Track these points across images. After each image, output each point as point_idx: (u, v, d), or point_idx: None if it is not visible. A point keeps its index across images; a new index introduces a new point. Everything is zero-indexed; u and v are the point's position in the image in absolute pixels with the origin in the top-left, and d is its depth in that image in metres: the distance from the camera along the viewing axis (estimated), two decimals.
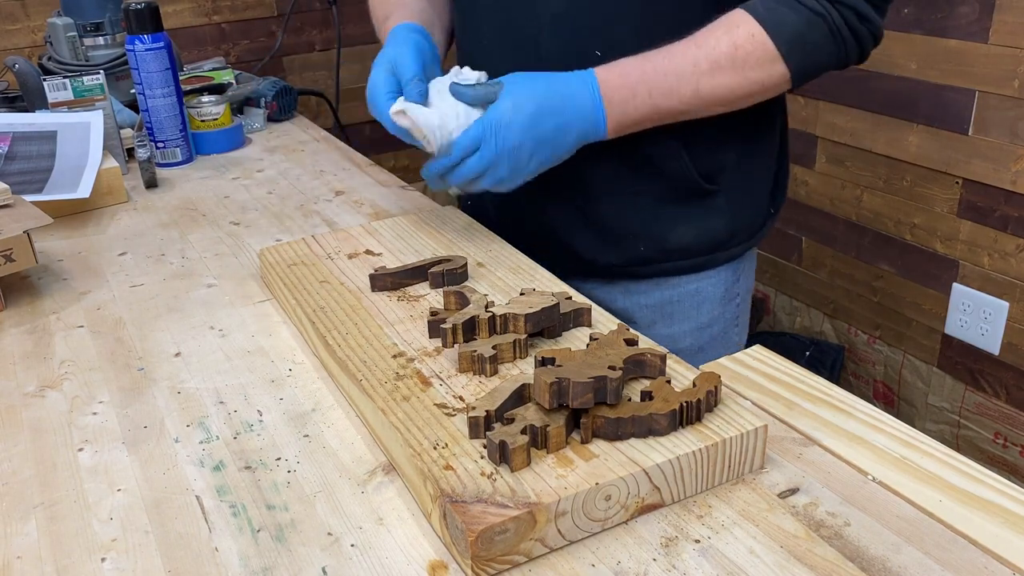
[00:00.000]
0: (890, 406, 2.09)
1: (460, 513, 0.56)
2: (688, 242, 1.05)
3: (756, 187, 1.09)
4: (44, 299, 0.99)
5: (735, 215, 1.06)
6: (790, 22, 0.88)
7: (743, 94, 0.91)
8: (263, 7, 2.23)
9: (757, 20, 0.89)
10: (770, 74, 0.90)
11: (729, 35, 0.89)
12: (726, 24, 0.90)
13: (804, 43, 0.89)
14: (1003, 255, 1.76)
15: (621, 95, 0.90)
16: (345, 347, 0.78)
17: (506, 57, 1.00)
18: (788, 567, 0.56)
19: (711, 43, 0.89)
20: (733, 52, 0.88)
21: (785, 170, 1.13)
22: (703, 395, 0.64)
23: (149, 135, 1.40)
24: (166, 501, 0.65)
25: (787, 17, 0.88)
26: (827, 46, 0.90)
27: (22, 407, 0.78)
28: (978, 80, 1.71)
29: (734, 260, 1.10)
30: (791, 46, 0.89)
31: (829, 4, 0.89)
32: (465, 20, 1.07)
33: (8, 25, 1.96)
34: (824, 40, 0.90)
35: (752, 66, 0.89)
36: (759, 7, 0.90)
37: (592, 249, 1.06)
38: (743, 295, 1.15)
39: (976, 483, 0.63)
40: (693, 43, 0.90)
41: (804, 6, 0.89)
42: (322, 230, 1.12)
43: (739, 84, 0.90)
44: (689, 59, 0.89)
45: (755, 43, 0.88)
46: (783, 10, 0.89)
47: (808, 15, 0.89)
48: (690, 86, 0.90)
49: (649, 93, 0.90)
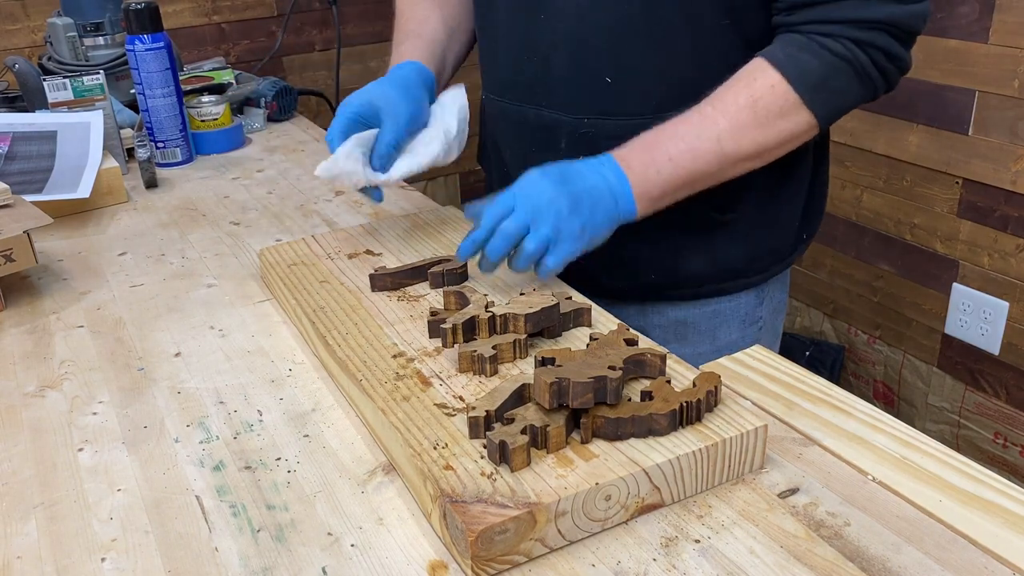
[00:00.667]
0: (890, 406, 2.09)
1: (460, 513, 0.56)
2: (700, 271, 1.02)
3: (781, 214, 1.04)
4: (44, 299, 0.99)
5: (755, 243, 1.02)
6: (812, 68, 0.84)
7: (773, 145, 0.87)
8: (263, 7, 2.23)
9: (777, 68, 0.85)
10: (796, 123, 0.86)
11: (748, 89, 0.85)
12: (745, 77, 0.86)
13: (828, 88, 0.85)
14: (1003, 255, 1.76)
15: (641, 161, 0.87)
16: (345, 347, 0.78)
17: (518, 74, 1.00)
18: (788, 567, 0.56)
19: (728, 100, 0.86)
20: (753, 107, 0.85)
21: (821, 194, 1.08)
22: (703, 395, 0.64)
23: (149, 135, 1.40)
24: (166, 501, 0.65)
25: (809, 64, 0.84)
26: (853, 88, 0.87)
27: (22, 407, 0.78)
28: (978, 80, 1.71)
29: (756, 286, 1.05)
30: (814, 93, 0.85)
31: (855, 46, 0.84)
32: (484, 38, 1.06)
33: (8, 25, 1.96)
34: (850, 82, 0.86)
35: (776, 117, 0.85)
36: (779, 53, 0.86)
37: (601, 275, 1.01)
38: (768, 318, 1.09)
39: (976, 483, 0.63)
40: (709, 104, 0.87)
41: (828, 50, 0.84)
42: (322, 230, 1.12)
43: (765, 136, 0.86)
44: (708, 118, 0.86)
45: (776, 94, 0.85)
46: (804, 56, 0.85)
47: (832, 60, 0.84)
48: (711, 146, 0.86)
49: (669, 158, 0.86)
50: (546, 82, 0.97)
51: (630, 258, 1.01)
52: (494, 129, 1.09)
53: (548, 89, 0.98)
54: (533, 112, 1.00)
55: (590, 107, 0.95)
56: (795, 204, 1.05)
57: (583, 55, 0.94)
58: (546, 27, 0.95)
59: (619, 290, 1.04)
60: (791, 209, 1.04)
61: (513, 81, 1.01)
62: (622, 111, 0.94)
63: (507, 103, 1.03)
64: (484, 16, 1.04)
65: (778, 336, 1.14)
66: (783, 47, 0.87)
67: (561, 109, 0.97)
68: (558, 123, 0.98)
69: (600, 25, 0.92)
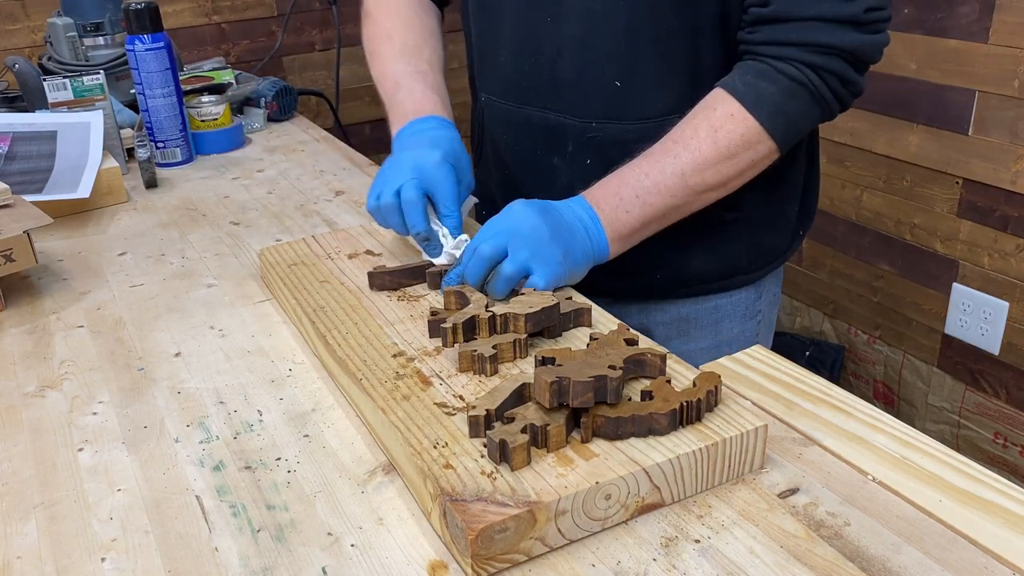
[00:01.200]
0: (890, 406, 2.09)
1: (460, 512, 0.56)
2: (705, 270, 1.03)
3: (780, 212, 1.05)
4: (44, 299, 0.99)
5: (757, 242, 1.04)
6: (769, 95, 0.86)
7: (736, 173, 0.89)
8: (263, 7, 2.23)
9: (735, 96, 0.86)
10: (757, 151, 0.88)
11: (707, 120, 0.87)
12: (705, 109, 0.88)
13: (785, 114, 0.87)
14: (1003, 255, 1.76)
15: (610, 202, 0.88)
16: (345, 347, 0.78)
17: (524, 77, 0.99)
18: (788, 567, 0.56)
19: (688, 135, 0.87)
20: (714, 137, 0.86)
21: (813, 193, 1.09)
22: (703, 395, 0.64)
23: (149, 135, 1.40)
24: (166, 501, 0.65)
25: (766, 91, 0.86)
26: (809, 111, 0.88)
27: (22, 407, 0.78)
28: (978, 80, 1.71)
29: (755, 282, 1.07)
30: (773, 120, 0.86)
31: (810, 71, 0.86)
32: (484, 43, 1.05)
33: (8, 25, 1.96)
34: (806, 106, 0.87)
35: (737, 147, 0.87)
36: (737, 82, 0.87)
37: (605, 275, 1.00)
38: (765, 312, 1.12)
39: (976, 483, 0.63)
40: (670, 139, 0.88)
41: (784, 75, 0.86)
42: (322, 230, 1.12)
43: (727, 167, 0.88)
44: (669, 154, 0.87)
45: (735, 122, 0.86)
46: (762, 84, 0.86)
47: (788, 84, 0.86)
48: (676, 179, 0.87)
49: (636, 195, 0.87)
50: (553, 85, 0.97)
51: (635, 260, 1.01)
52: (495, 132, 1.08)
53: (555, 92, 0.97)
54: (539, 115, 0.99)
55: (597, 111, 0.96)
56: (792, 203, 1.06)
57: (591, 59, 0.94)
58: (553, 30, 0.95)
59: (622, 290, 1.05)
60: (788, 208, 1.06)
61: (518, 83, 1.01)
62: (630, 115, 0.95)
63: (511, 106, 1.03)
64: (484, 19, 1.04)
65: (773, 327, 1.17)
66: (740, 76, 0.88)
67: (568, 112, 0.97)
68: (564, 126, 0.98)
69: (609, 29, 0.92)
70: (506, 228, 0.84)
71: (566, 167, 1.00)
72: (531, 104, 1.00)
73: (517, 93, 1.01)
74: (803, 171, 1.06)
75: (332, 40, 2.33)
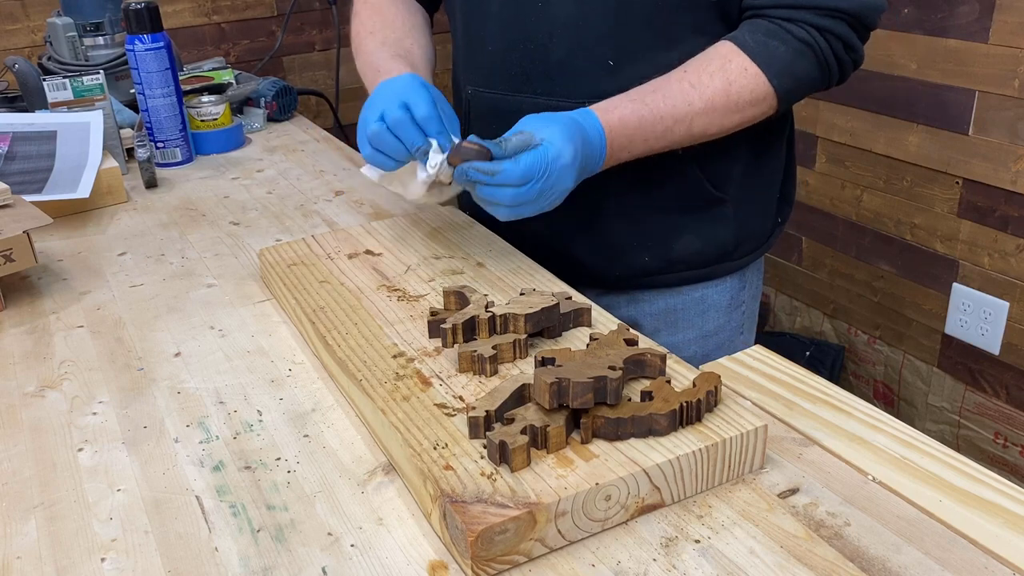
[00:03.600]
0: (890, 406, 2.09)
1: (460, 513, 0.56)
2: (694, 253, 1.05)
3: (763, 196, 1.08)
4: (44, 299, 0.99)
5: (742, 225, 1.06)
6: (780, 54, 0.89)
7: (733, 126, 0.92)
8: (263, 7, 2.23)
9: (747, 53, 0.89)
10: (762, 109, 0.91)
11: (723, 71, 0.89)
12: (719, 59, 0.89)
13: (793, 75, 0.90)
14: (1003, 255, 1.76)
15: (620, 143, 0.90)
16: (345, 347, 0.78)
17: (512, 64, 0.99)
18: (788, 567, 0.56)
19: (705, 81, 0.89)
20: (727, 89, 0.89)
21: (792, 181, 1.13)
22: (703, 395, 0.64)
23: (149, 135, 1.40)
24: (166, 501, 0.65)
25: (776, 49, 0.89)
26: (813, 73, 0.91)
27: (22, 407, 0.78)
28: (978, 80, 1.71)
29: (740, 269, 1.09)
30: (781, 79, 0.89)
31: (818, 33, 0.89)
32: (470, 29, 1.05)
33: (8, 25, 1.96)
34: (811, 68, 0.91)
35: (746, 103, 0.90)
36: (748, 39, 0.89)
37: (596, 261, 1.05)
38: (749, 303, 1.14)
39: (976, 483, 0.63)
40: (687, 80, 0.89)
41: (793, 36, 0.89)
42: (322, 230, 1.12)
43: (732, 121, 0.91)
44: (684, 101, 0.89)
45: (748, 77, 0.89)
46: (772, 42, 0.89)
47: (797, 45, 0.89)
48: (684, 128, 0.90)
49: (645, 139, 0.90)
50: (544, 69, 0.97)
51: (626, 241, 1.04)
52: (482, 126, 1.07)
53: (547, 76, 0.97)
54: (530, 101, 0.99)
55: (590, 91, 0.96)
56: (772, 188, 1.10)
57: (583, 39, 0.94)
58: (544, 13, 0.95)
59: (611, 278, 1.06)
60: (770, 193, 1.09)
61: (507, 71, 1.00)
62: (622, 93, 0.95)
63: (498, 94, 1.02)
64: (471, 9, 1.04)
65: (756, 320, 1.19)
66: (750, 33, 0.90)
67: (559, 96, 0.97)
68: (556, 110, 0.98)
69: (601, 7, 0.93)
70: (541, 164, 0.83)
71: None
72: (521, 91, 1.00)
73: (506, 81, 1.01)
74: (784, 158, 1.09)
75: (332, 40, 2.33)
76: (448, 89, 1.16)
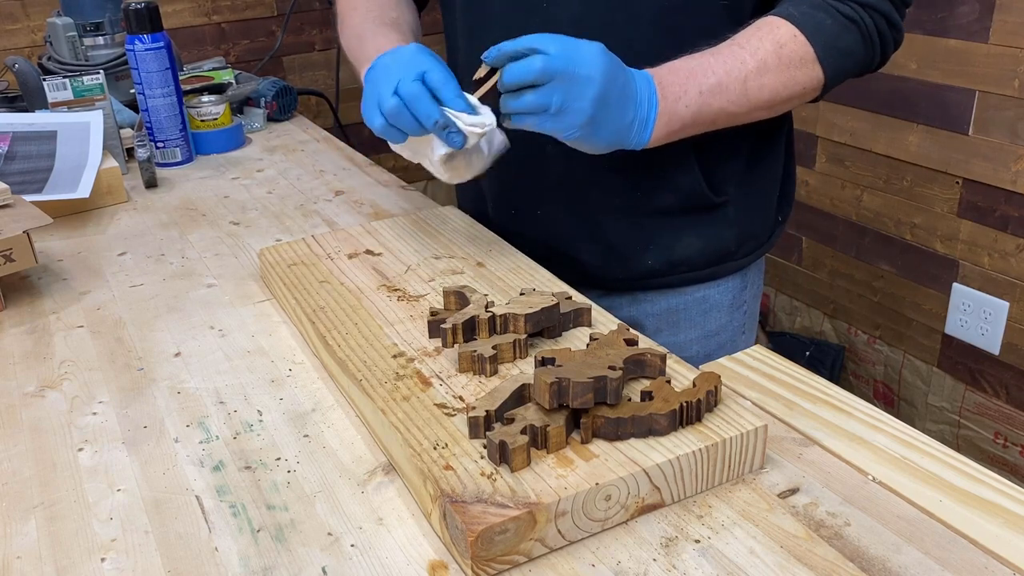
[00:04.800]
0: (890, 406, 2.09)
1: (460, 513, 0.56)
2: (696, 254, 1.04)
3: (764, 197, 1.08)
4: (44, 299, 0.99)
5: (743, 225, 1.05)
6: (826, 26, 0.88)
7: (786, 96, 0.89)
8: (263, 7, 2.23)
9: (794, 23, 0.88)
10: (810, 76, 0.89)
11: (772, 35, 0.88)
12: (768, 26, 0.89)
13: (839, 47, 0.89)
14: (1003, 255, 1.76)
15: (673, 91, 0.86)
16: (345, 347, 0.78)
17: None
18: (788, 567, 0.56)
19: (754, 44, 0.88)
20: (779, 50, 0.87)
21: (792, 180, 1.12)
22: (703, 395, 0.64)
23: (149, 135, 1.40)
24: (166, 501, 0.65)
25: (823, 21, 0.88)
26: (858, 51, 0.90)
27: (22, 407, 0.78)
28: (978, 80, 1.71)
29: (742, 269, 1.09)
30: (827, 50, 0.88)
31: (862, 9, 0.88)
32: (468, 30, 1.05)
33: (8, 25, 1.96)
34: (856, 45, 0.89)
35: (796, 65, 0.88)
36: (794, 11, 0.89)
37: (598, 262, 1.04)
38: (750, 302, 1.14)
39: (976, 483, 0.63)
40: (736, 43, 0.88)
41: (838, 12, 0.88)
42: (322, 230, 1.12)
43: (784, 84, 0.88)
44: (736, 58, 0.87)
45: (797, 43, 0.87)
46: (819, 15, 0.88)
47: (842, 20, 0.88)
48: (738, 85, 0.87)
49: (699, 92, 0.86)
50: None
51: (628, 243, 1.03)
52: None
53: None
54: None
55: None
56: (773, 188, 1.09)
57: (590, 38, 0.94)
58: (549, 15, 0.95)
59: (613, 280, 1.06)
60: (771, 192, 1.09)
61: None
62: None
63: None
64: (472, 12, 1.03)
65: (756, 320, 1.19)
66: (796, 6, 0.89)
67: None
68: None
69: (606, 9, 0.92)
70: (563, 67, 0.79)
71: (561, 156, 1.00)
72: None
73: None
74: (783, 158, 1.09)
75: (332, 40, 2.33)
76: None
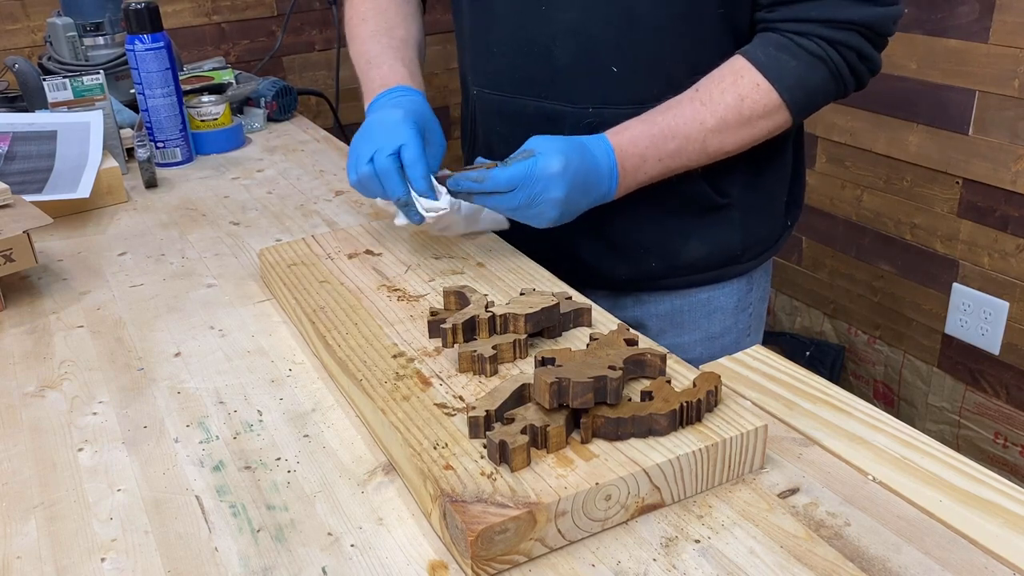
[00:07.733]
0: (890, 406, 2.09)
1: (460, 513, 0.56)
2: (701, 257, 1.04)
3: (771, 200, 1.08)
4: (44, 299, 0.99)
5: (749, 229, 1.05)
6: (791, 69, 0.88)
7: (750, 142, 0.92)
8: (263, 7, 2.23)
9: (758, 68, 0.89)
10: (776, 122, 0.91)
11: (735, 87, 0.89)
12: (731, 75, 0.89)
13: (805, 88, 0.90)
14: (1003, 255, 1.76)
15: (633, 163, 0.90)
16: (345, 347, 0.78)
17: (517, 67, 0.99)
18: (788, 567, 0.56)
19: (716, 98, 0.89)
20: (739, 105, 0.89)
21: (801, 184, 1.12)
22: (703, 395, 0.64)
23: (149, 135, 1.40)
24: (166, 501, 0.65)
25: (788, 64, 0.88)
26: (827, 86, 0.91)
27: (22, 407, 0.78)
28: (978, 80, 1.71)
29: (748, 272, 1.09)
30: (793, 92, 0.89)
31: (829, 47, 0.88)
32: (474, 31, 1.05)
33: (8, 25, 1.96)
34: (824, 82, 0.90)
35: (759, 116, 0.90)
36: (759, 54, 0.89)
37: (602, 263, 1.05)
38: (756, 305, 1.13)
39: (976, 483, 0.63)
40: (698, 99, 0.90)
41: (804, 50, 0.88)
42: (322, 230, 1.12)
43: (744, 138, 0.91)
44: (696, 119, 0.89)
45: (760, 93, 0.89)
46: (784, 57, 0.89)
47: (808, 59, 0.88)
48: (697, 146, 0.90)
49: (659, 159, 0.90)
50: (548, 73, 0.97)
51: (632, 245, 1.03)
52: (488, 126, 1.08)
53: (550, 80, 0.97)
54: (534, 104, 1.00)
55: (594, 96, 0.96)
56: (780, 192, 1.09)
57: (587, 45, 0.94)
58: (548, 18, 0.95)
59: (617, 281, 1.06)
60: (778, 197, 1.09)
61: (511, 74, 1.01)
62: (626, 99, 0.95)
63: (505, 96, 1.03)
64: (477, 11, 1.04)
65: (763, 321, 1.19)
66: (762, 47, 0.90)
67: (564, 100, 0.98)
68: (561, 114, 0.98)
69: (605, 14, 0.93)
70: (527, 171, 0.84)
71: None
72: (525, 94, 1.00)
73: (511, 84, 1.01)
74: (790, 161, 1.09)
75: (332, 40, 2.33)
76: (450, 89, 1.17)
